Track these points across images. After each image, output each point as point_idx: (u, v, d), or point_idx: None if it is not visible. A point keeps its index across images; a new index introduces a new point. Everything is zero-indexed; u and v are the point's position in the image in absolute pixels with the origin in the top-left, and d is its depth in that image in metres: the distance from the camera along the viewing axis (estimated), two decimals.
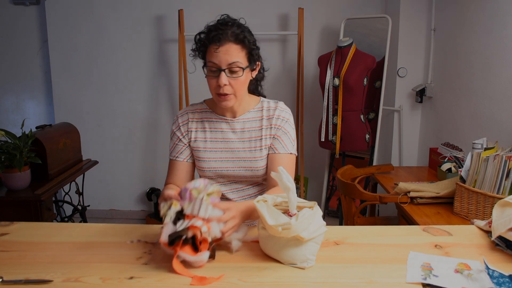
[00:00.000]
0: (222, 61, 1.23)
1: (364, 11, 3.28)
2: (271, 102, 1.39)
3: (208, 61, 1.26)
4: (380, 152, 3.30)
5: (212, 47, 1.23)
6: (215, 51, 1.23)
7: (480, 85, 2.33)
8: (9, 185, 2.12)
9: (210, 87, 1.29)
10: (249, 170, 1.34)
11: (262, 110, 1.38)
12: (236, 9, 3.25)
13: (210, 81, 1.28)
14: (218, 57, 1.23)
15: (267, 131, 1.35)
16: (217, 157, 1.35)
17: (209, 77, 1.27)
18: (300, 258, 1.00)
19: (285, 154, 1.34)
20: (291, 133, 1.37)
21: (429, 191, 1.91)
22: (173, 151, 1.40)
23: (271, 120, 1.36)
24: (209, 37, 1.24)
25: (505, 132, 2.09)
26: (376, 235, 1.21)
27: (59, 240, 1.15)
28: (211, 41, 1.24)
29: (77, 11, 3.38)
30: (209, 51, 1.25)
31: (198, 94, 3.36)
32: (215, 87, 1.26)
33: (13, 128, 2.31)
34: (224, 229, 1.04)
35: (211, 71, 1.26)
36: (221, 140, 1.36)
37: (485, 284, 0.92)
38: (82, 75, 3.48)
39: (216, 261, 1.03)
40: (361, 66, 2.77)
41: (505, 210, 1.15)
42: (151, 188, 3.54)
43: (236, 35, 1.24)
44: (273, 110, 1.37)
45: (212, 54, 1.24)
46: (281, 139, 1.35)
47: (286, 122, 1.36)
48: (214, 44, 1.23)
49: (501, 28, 2.13)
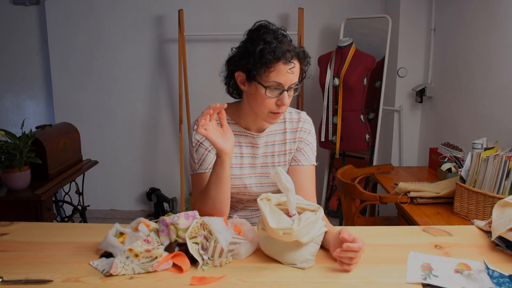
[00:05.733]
0: (288, 81, 1.15)
1: (364, 11, 3.28)
2: (293, 113, 1.34)
3: (271, 81, 1.14)
4: (380, 152, 3.30)
5: (281, 65, 1.13)
6: (287, 71, 1.13)
7: (480, 85, 2.33)
8: (9, 185, 2.12)
9: (262, 106, 1.18)
10: (271, 186, 1.30)
11: (285, 122, 1.32)
12: (236, 9, 3.26)
13: (266, 100, 1.16)
14: (288, 77, 1.14)
15: (292, 145, 1.32)
16: (241, 173, 1.29)
17: (269, 96, 1.16)
18: (300, 259, 1.00)
19: (309, 165, 1.31)
20: (313, 144, 1.34)
21: (429, 191, 1.91)
22: (203, 163, 1.25)
23: (295, 133, 1.32)
24: (279, 55, 1.12)
25: (505, 132, 2.09)
26: (376, 235, 1.21)
27: (59, 240, 1.15)
28: (279, 59, 1.12)
29: (77, 11, 3.38)
30: (275, 69, 1.13)
31: (198, 94, 3.38)
32: (272, 106, 1.17)
33: (13, 128, 2.31)
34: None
35: (272, 90, 1.15)
36: (246, 155, 1.30)
37: (485, 284, 0.92)
38: (82, 75, 3.48)
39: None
40: (361, 66, 2.77)
41: (505, 210, 1.15)
42: (151, 188, 3.54)
43: (302, 53, 1.18)
44: (296, 123, 1.32)
45: (279, 73, 1.13)
46: (304, 151, 1.31)
47: (309, 134, 1.34)
48: (285, 63, 1.13)
49: (501, 28, 2.13)
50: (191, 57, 3.32)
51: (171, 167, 3.57)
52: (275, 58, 1.12)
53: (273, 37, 1.15)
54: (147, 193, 3.53)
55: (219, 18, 3.30)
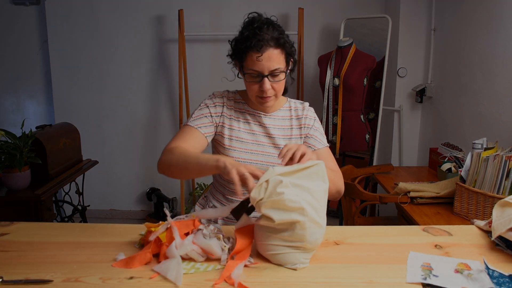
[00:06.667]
0: (264, 68, 1.21)
1: (364, 11, 3.28)
2: (297, 103, 1.43)
3: (248, 69, 1.23)
4: (380, 152, 3.30)
5: (253, 55, 1.20)
6: (256, 59, 1.20)
7: (480, 85, 2.33)
8: (9, 185, 2.12)
9: (249, 91, 1.29)
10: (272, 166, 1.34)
11: (290, 109, 1.41)
12: (236, 9, 3.26)
13: (250, 86, 1.27)
14: (260, 65, 1.21)
15: (297, 131, 1.39)
16: (245, 148, 1.35)
17: (250, 82, 1.26)
18: (293, 262, 1.00)
19: (324, 148, 1.39)
20: (320, 129, 1.43)
21: (429, 191, 1.91)
22: (196, 120, 1.34)
23: (300, 120, 1.39)
24: (249, 44, 1.20)
25: (505, 132, 2.09)
26: (376, 235, 1.21)
27: (59, 240, 1.15)
28: (250, 49, 1.20)
29: (77, 11, 3.38)
30: (249, 58, 1.22)
31: (198, 94, 3.38)
32: (256, 91, 1.26)
33: (13, 128, 2.31)
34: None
35: (252, 77, 1.24)
36: (251, 132, 1.37)
37: (485, 284, 0.92)
38: (82, 75, 3.48)
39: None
40: (361, 66, 2.77)
41: (505, 210, 1.15)
42: (151, 188, 3.54)
43: (276, 39, 1.21)
44: (301, 111, 1.41)
45: (253, 62, 1.21)
46: (315, 136, 1.39)
47: (315, 120, 1.42)
48: (255, 52, 1.20)
49: (501, 28, 2.13)
50: (191, 57, 3.32)
51: None
52: (246, 47, 1.21)
53: (251, 28, 1.22)
54: (147, 193, 3.53)
55: (219, 18, 3.30)
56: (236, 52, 1.27)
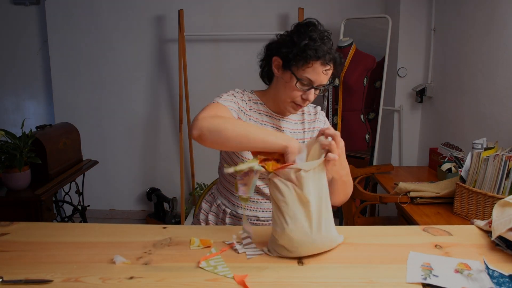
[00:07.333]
0: (319, 80, 1.22)
1: (364, 11, 3.28)
2: (310, 107, 1.44)
3: (303, 76, 1.21)
4: (380, 152, 3.30)
5: (318, 65, 1.20)
6: (322, 72, 1.20)
7: (480, 85, 2.33)
8: (9, 185, 2.12)
9: (287, 96, 1.26)
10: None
11: (303, 113, 1.43)
12: (236, 9, 3.26)
13: (292, 92, 1.24)
14: (319, 77, 1.21)
15: (309, 135, 1.42)
16: None
17: (295, 88, 1.23)
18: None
19: None
20: None
21: (429, 191, 1.91)
22: (227, 102, 1.27)
23: (313, 123, 1.43)
24: (317, 54, 1.18)
25: (505, 132, 2.09)
26: (376, 235, 1.21)
27: (59, 240, 1.15)
28: (318, 59, 1.19)
29: (77, 11, 3.38)
30: (311, 66, 1.20)
31: (198, 94, 3.38)
32: (297, 98, 1.25)
33: (13, 128, 2.31)
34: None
35: (302, 84, 1.23)
36: None
37: (485, 284, 0.92)
38: (82, 75, 3.48)
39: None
40: (361, 66, 2.78)
41: (505, 210, 1.15)
42: (151, 188, 3.54)
43: (335, 59, 1.23)
44: (313, 115, 1.43)
45: (314, 71, 1.20)
46: None
47: (325, 124, 1.45)
48: (322, 63, 1.20)
49: (501, 28, 2.13)
50: (191, 57, 3.32)
51: (171, 167, 3.57)
52: (316, 56, 1.19)
53: (319, 37, 1.21)
54: (147, 193, 3.53)
55: (219, 18, 3.30)
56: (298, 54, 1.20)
